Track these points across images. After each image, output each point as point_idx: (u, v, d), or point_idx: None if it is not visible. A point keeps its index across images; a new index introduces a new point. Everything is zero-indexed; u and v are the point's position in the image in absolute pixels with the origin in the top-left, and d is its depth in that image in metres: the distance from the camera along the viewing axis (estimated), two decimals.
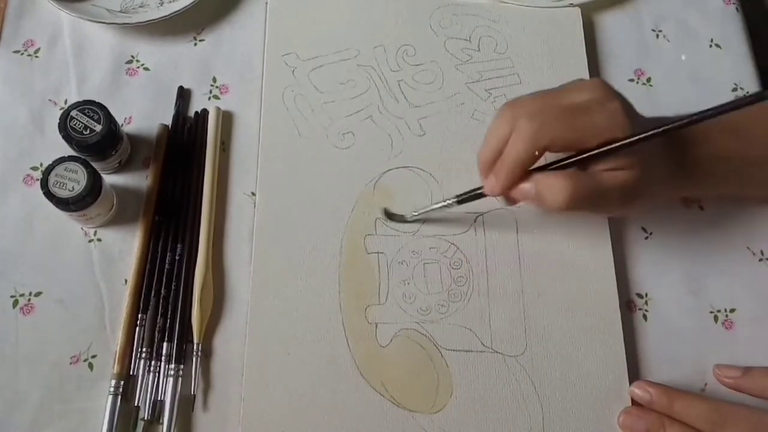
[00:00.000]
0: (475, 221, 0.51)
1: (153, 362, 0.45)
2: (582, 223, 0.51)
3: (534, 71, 0.57)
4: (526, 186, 0.42)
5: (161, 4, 0.56)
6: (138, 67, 0.55)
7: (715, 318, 0.51)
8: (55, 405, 0.44)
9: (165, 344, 0.46)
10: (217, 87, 0.55)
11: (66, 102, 0.53)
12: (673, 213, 0.54)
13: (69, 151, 0.46)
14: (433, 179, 0.52)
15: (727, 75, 0.59)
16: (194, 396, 0.45)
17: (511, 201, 0.44)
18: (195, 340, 0.46)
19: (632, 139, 0.40)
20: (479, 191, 0.45)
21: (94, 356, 0.46)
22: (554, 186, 0.40)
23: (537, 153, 0.41)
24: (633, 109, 0.43)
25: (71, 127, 0.46)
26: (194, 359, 0.45)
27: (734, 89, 0.58)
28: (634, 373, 0.48)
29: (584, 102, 0.41)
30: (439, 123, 0.54)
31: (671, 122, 0.39)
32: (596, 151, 0.41)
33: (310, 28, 0.56)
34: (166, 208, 0.50)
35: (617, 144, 0.40)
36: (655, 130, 0.39)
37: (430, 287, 0.49)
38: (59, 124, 0.46)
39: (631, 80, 0.59)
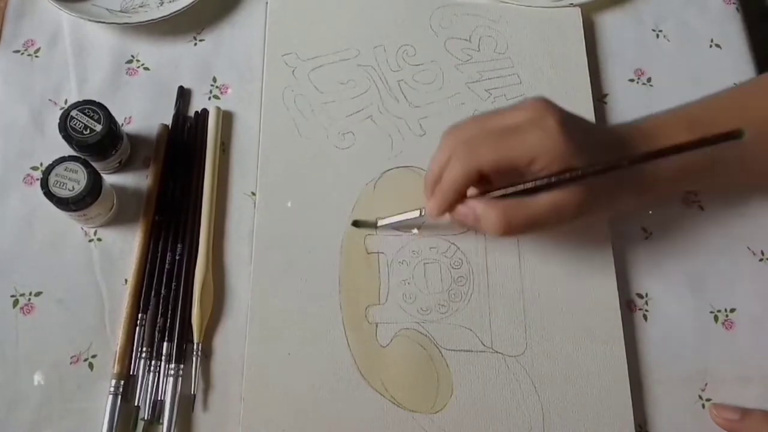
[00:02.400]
0: None
1: (153, 362, 0.45)
2: (582, 223, 0.51)
3: (534, 71, 0.57)
4: (462, 210, 0.43)
5: (161, 3, 0.56)
6: (138, 67, 0.55)
7: (715, 318, 0.51)
8: (55, 405, 0.44)
9: (165, 344, 0.46)
10: (217, 87, 0.55)
11: (66, 102, 0.53)
12: (673, 213, 0.54)
13: (69, 151, 0.46)
14: None
15: (727, 75, 0.59)
16: (194, 396, 0.45)
17: (457, 224, 0.45)
18: (195, 340, 0.46)
19: (571, 175, 0.40)
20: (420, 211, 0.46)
21: (94, 356, 0.46)
22: (488, 215, 0.41)
23: (470, 176, 0.41)
24: (578, 123, 0.43)
25: (71, 127, 0.46)
26: (194, 359, 0.45)
27: None
28: (634, 373, 0.48)
29: (518, 122, 0.42)
30: (439, 123, 0.54)
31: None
32: (530, 184, 0.41)
33: (310, 28, 0.56)
34: (166, 208, 0.50)
35: (557, 178, 0.40)
36: (594, 168, 0.39)
37: (431, 287, 0.49)
38: (59, 124, 0.46)
39: (631, 80, 0.59)
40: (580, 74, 0.56)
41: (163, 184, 0.50)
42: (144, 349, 0.45)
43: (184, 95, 0.54)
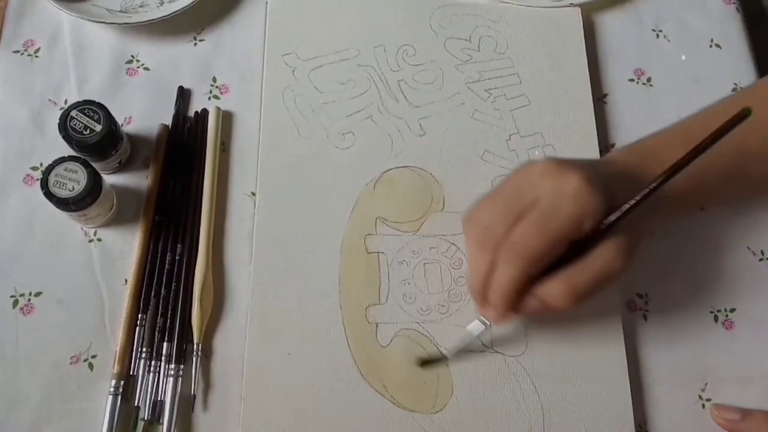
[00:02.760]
0: None
1: (153, 362, 0.45)
2: None
3: (534, 71, 0.57)
4: (531, 303, 0.41)
5: (161, 4, 0.56)
6: (138, 67, 0.55)
7: (715, 318, 0.51)
8: (55, 405, 0.44)
9: (165, 344, 0.46)
10: (217, 87, 0.55)
11: (66, 102, 0.53)
12: None
13: (69, 151, 0.46)
14: (433, 179, 0.52)
15: (727, 75, 0.59)
16: (194, 396, 0.45)
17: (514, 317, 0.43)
18: (195, 340, 0.46)
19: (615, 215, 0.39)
20: (482, 322, 0.44)
21: (94, 356, 0.46)
22: (556, 294, 0.40)
23: (529, 274, 0.40)
24: (592, 168, 0.41)
25: (71, 127, 0.46)
26: (194, 359, 0.45)
27: (734, 89, 0.58)
28: (634, 373, 0.48)
29: (542, 194, 0.40)
30: (439, 123, 0.54)
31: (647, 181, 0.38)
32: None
33: (310, 28, 0.56)
34: (166, 208, 0.50)
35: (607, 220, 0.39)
36: (633, 201, 0.39)
37: (431, 287, 0.49)
38: (59, 124, 0.46)
39: (631, 80, 0.59)
40: (580, 74, 0.56)
41: (163, 184, 0.50)
42: (144, 349, 0.45)
43: (184, 95, 0.54)
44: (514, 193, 0.41)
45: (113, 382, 0.44)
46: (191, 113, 0.54)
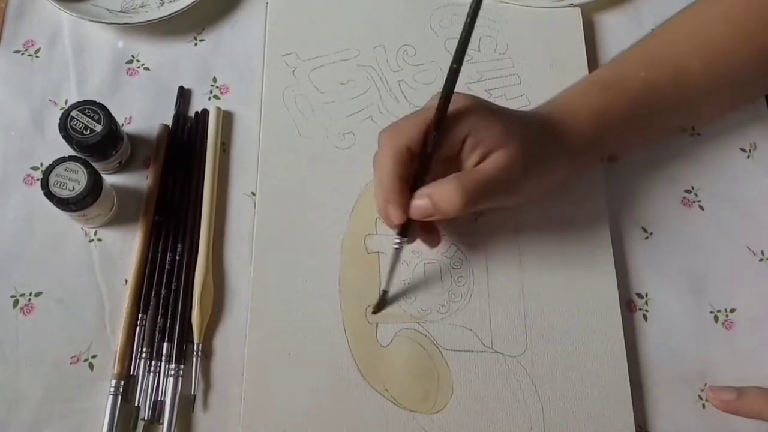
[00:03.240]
0: (476, 221, 0.51)
1: (153, 362, 0.45)
2: (582, 223, 0.51)
3: (534, 71, 0.57)
4: (419, 202, 0.41)
5: (161, 4, 0.56)
6: (138, 67, 0.55)
7: (715, 318, 0.51)
8: (55, 405, 0.44)
9: (165, 344, 0.46)
10: (217, 87, 0.55)
11: (66, 102, 0.53)
12: (673, 213, 0.54)
13: (69, 151, 0.46)
14: None
15: None
16: (194, 396, 0.45)
17: (412, 233, 0.44)
18: (195, 340, 0.46)
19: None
20: (396, 242, 0.44)
21: (94, 356, 0.46)
22: (445, 192, 0.41)
23: (401, 154, 0.41)
24: (496, 105, 0.44)
25: (71, 127, 0.46)
26: (194, 359, 0.45)
27: None
28: (635, 373, 0.48)
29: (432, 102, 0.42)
30: None
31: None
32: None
33: (310, 28, 0.56)
34: (166, 208, 0.50)
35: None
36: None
37: (431, 287, 0.49)
38: (59, 124, 0.46)
39: None
40: (580, 74, 0.56)
41: (163, 184, 0.50)
42: (144, 349, 0.45)
43: (184, 95, 0.54)
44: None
45: (113, 382, 0.44)
46: (191, 113, 0.54)
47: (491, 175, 0.42)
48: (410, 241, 0.44)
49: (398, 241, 0.44)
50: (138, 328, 0.46)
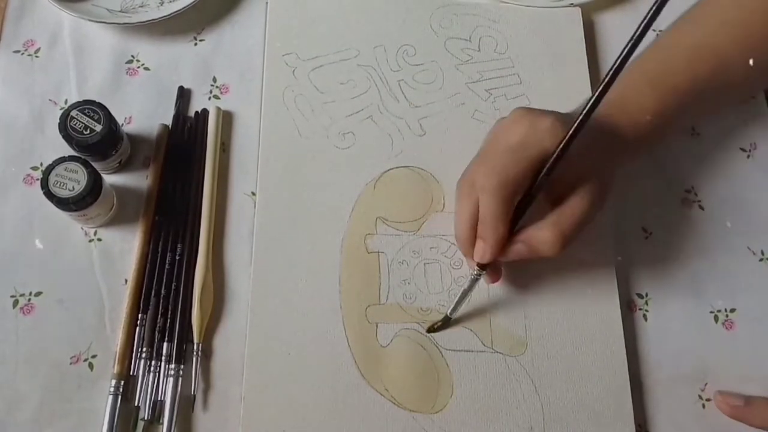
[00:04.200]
0: None
1: (153, 362, 0.45)
2: None
3: (534, 71, 0.57)
4: (519, 247, 0.42)
5: (161, 3, 0.56)
6: (138, 67, 0.55)
7: (715, 318, 0.51)
8: (55, 405, 0.44)
9: (165, 344, 0.46)
10: (217, 87, 0.55)
11: (66, 102, 0.53)
12: (673, 213, 0.54)
13: (69, 151, 0.46)
14: (433, 179, 0.52)
15: None
16: (194, 396, 0.45)
17: (496, 273, 0.45)
18: (195, 340, 0.46)
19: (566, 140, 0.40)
20: (475, 274, 0.44)
21: (94, 356, 0.46)
22: (546, 238, 0.41)
23: (507, 197, 0.41)
24: (557, 113, 0.43)
25: (71, 127, 0.46)
26: (194, 359, 0.45)
27: None
28: (635, 373, 0.48)
29: (520, 137, 0.42)
30: (439, 123, 0.54)
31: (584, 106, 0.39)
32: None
33: (310, 28, 0.56)
34: (166, 208, 0.50)
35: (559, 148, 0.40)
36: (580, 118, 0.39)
37: (431, 287, 0.49)
38: (59, 124, 0.46)
39: None
40: (580, 74, 0.56)
41: (162, 184, 0.50)
42: (144, 349, 0.45)
43: (184, 95, 0.54)
44: (491, 143, 0.44)
45: (113, 382, 0.44)
46: (191, 113, 0.54)
47: (586, 213, 0.42)
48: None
49: (477, 271, 0.44)
50: (138, 328, 0.46)
